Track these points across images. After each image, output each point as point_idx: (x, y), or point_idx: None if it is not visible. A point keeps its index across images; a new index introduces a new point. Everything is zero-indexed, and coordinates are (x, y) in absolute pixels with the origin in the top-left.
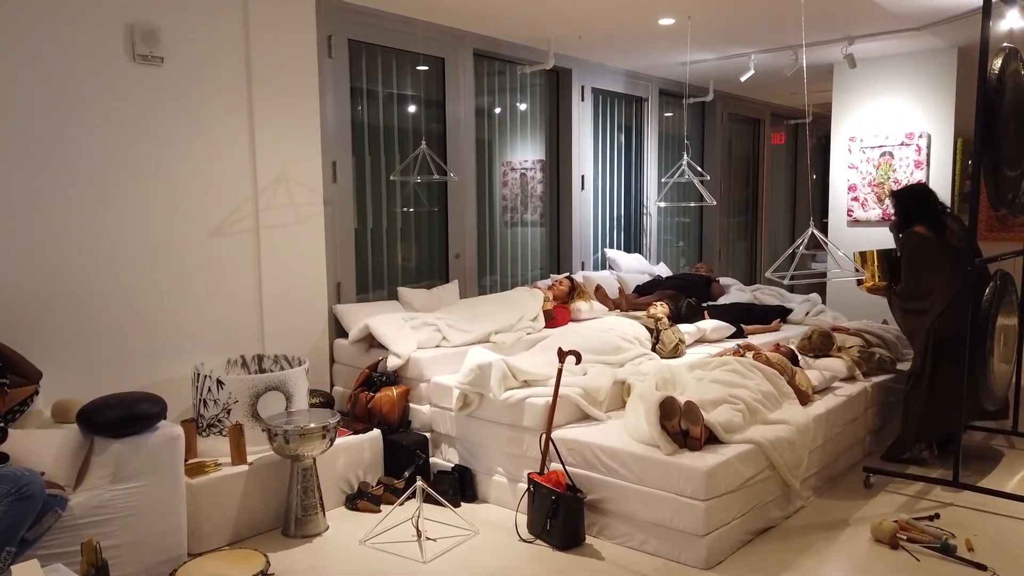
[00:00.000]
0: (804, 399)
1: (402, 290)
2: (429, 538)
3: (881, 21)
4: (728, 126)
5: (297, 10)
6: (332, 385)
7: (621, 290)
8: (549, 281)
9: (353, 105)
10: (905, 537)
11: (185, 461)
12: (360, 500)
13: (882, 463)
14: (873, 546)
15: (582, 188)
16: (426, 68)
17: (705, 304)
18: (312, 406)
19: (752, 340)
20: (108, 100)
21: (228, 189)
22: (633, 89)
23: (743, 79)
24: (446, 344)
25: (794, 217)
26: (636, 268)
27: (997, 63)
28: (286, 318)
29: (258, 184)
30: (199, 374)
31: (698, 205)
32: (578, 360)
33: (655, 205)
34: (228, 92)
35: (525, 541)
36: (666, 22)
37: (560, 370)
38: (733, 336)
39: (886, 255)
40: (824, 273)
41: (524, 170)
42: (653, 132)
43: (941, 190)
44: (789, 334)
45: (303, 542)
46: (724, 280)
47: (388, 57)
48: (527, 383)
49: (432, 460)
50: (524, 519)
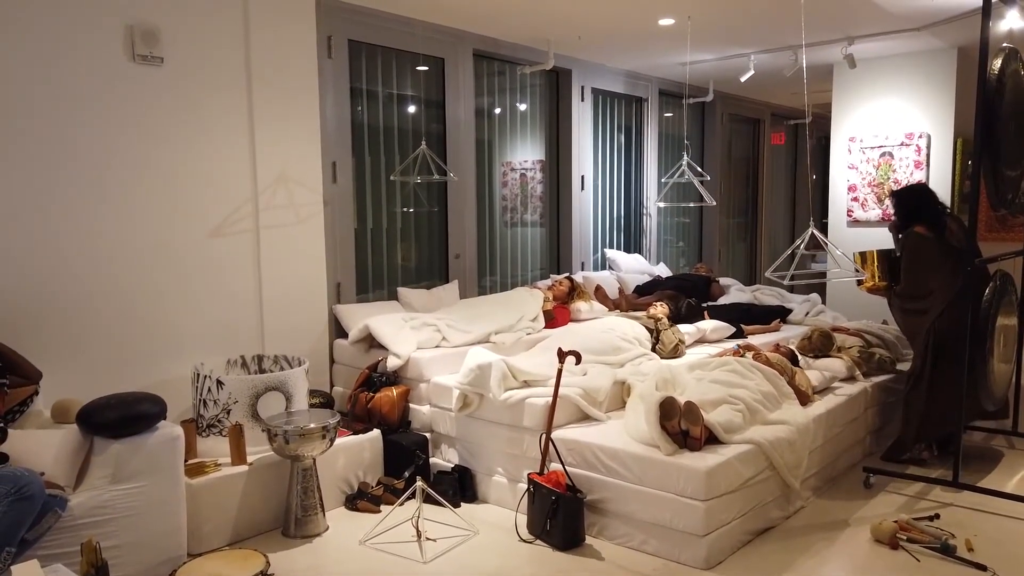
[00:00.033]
0: (804, 399)
1: (402, 290)
2: (429, 538)
3: (881, 21)
4: (728, 126)
5: (297, 10)
6: (332, 385)
7: (621, 290)
8: (549, 281)
9: (353, 105)
10: (905, 537)
11: (185, 461)
12: (360, 500)
13: (882, 463)
14: (873, 546)
15: (582, 188)
16: (426, 68)
17: (705, 304)
18: (312, 406)
19: (752, 340)
20: (108, 100)
21: (228, 189)
22: (633, 89)
23: (743, 79)
24: (446, 344)
25: (794, 217)
26: (636, 268)
27: (997, 63)
28: (286, 318)
29: (258, 184)
30: (199, 374)
31: (698, 205)
32: (578, 360)
33: (655, 205)
34: (228, 92)
35: (525, 541)
36: (666, 22)
37: (560, 370)
38: (733, 336)
39: (886, 255)
40: (824, 273)
41: (524, 170)
42: (653, 132)
43: (941, 190)
44: (789, 334)
45: (303, 542)
46: (724, 280)
47: (388, 57)
48: (527, 383)
49: (432, 460)
50: (524, 519)
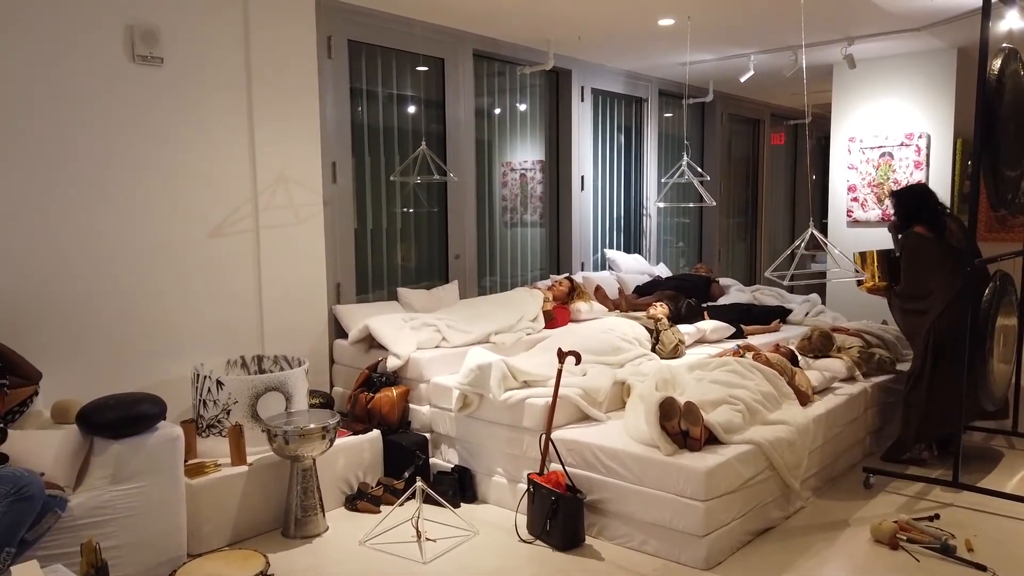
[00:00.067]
0: (804, 400)
1: (402, 291)
2: (429, 539)
3: (881, 22)
4: (728, 127)
5: (297, 10)
6: (332, 386)
7: (621, 291)
8: (549, 282)
9: (353, 105)
10: (905, 538)
11: (185, 462)
12: (360, 501)
13: (882, 463)
14: (873, 547)
15: (582, 189)
16: (426, 69)
17: (705, 305)
18: (312, 407)
19: (752, 340)
20: (108, 100)
21: (228, 189)
22: (633, 90)
23: (743, 80)
24: (446, 345)
25: (794, 218)
26: (636, 269)
27: (996, 64)
28: (286, 318)
29: (258, 184)
30: (199, 375)
31: (698, 206)
32: (578, 361)
33: (655, 206)
34: (228, 92)
35: (525, 542)
36: (666, 23)
37: (560, 371)
38: (733, 337)
39: (886, 255)
40: (824, 273)
41: (524, 171)
42: (653, 133)
43: (941, 191)
44: (789, 334)
45: (303, 543)
46: (724, 281)
47: (388, 57)
48: (527, 384)
49: (432, 461)
50: (524, 520)
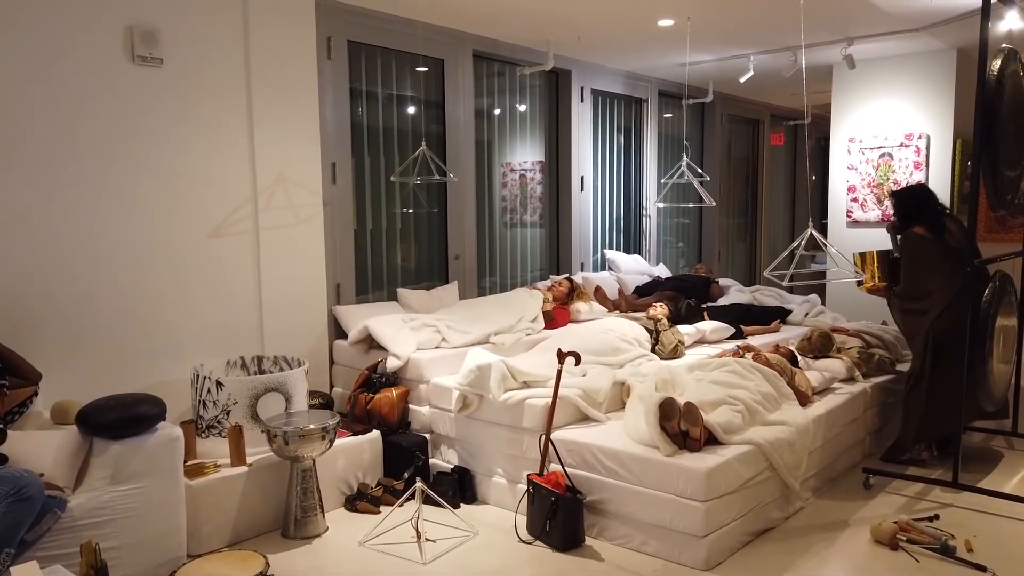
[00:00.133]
0: (804, 400)
1: (401, 291)
2: (428, 539)
3: (880, 22)
4: (727, 127)
5: (296, 11)
6: (331, 386)
7: (620, 291)
8: (548, 282)
9: (352, 106)
10: (905, 538)
11: (184, 462)
12: (359, 501)
13: (882, 464)
14: (873, 547)
15: (581, 189)
16: (425, 69)
17: (704, 305)
18: (311, 407)
19: (751, 341)
20: (108, 101)
21: (227, 190)
22: (632, 90)
23: (742, 80)
24: (445, 345)
25: (793, 218)
26: (635, 269)
27: (996, 64)
28: (285, 319)
29: (257, 185)
30: (198, 375)
31: (697, 206)
32: (577, 361)
33: (654, 206)
34: (227, 93)
35: (524, 542)
36: (665, 23)
37: (559, 371)
38: (732, 337)
39: (885, 256)
40: (823, 273)
41: (523, 171)
42: (652, 133)
43: (940, 191)
44: (788, 335)
45: (302, 543)
46: (723, 281)
47: (387, 58)
48: (526, 384)
49: (432, 461)
50: (524, 520)
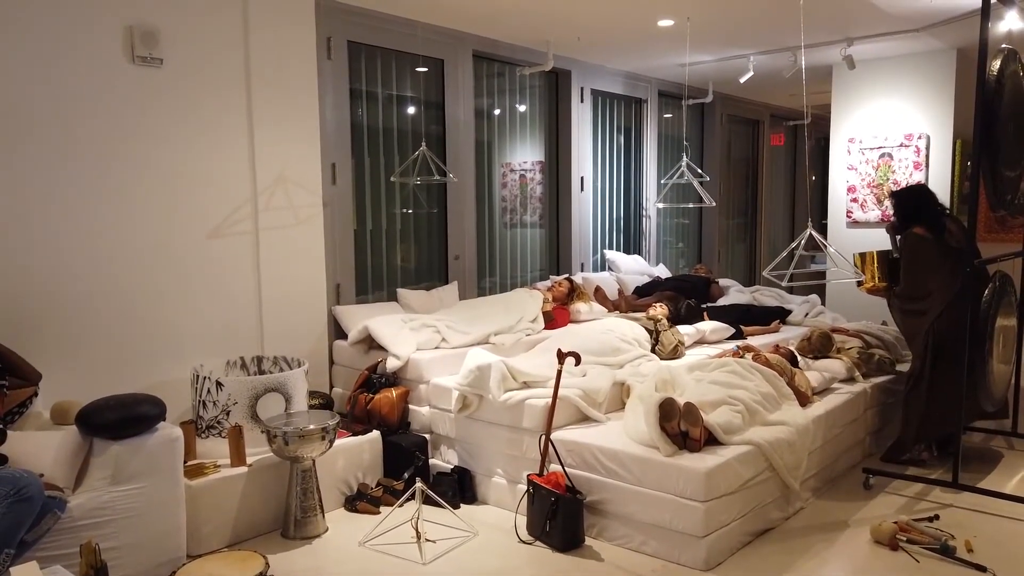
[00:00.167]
0: (803, 400)
1: (401, 291)
2: (428, 540)
3: (880, 23)
4: (727, 127)
5: (296, 11)
6: (331, 386)
7: (620, 291)
8: (548, 282)
9: (352, 107)
10: (905, 538)
11: (184, 463)
12: (359, 502)
13: (882, 464)
14: (873, 547)
15: (581, 189)
16: (425, 69)
17: (704, 305)
18: (311, 407)
19: (751, 341)
20: (108, 101)
21: (227, 190)
22: (632, 90)
23: (742, 80)
24: (445, 345)
25: (793, 218)
26: (635, 269)
27: (996, 64)
28: (285, 319)
29: (257, 185)
30: (198, 375)
31: (697, 206)
32: (577, 361)
33: (654, 206)
34: (227, 93)
35: (524, 543)
36: (665, 23)
37: (559, 371)
38: (732, 337)
39: (885, 256)
40: (823, 273)
41: (523, 171)
42: (652, 133)
43: (940, 191)
44: (788, 335)
45: (302, 544)
46: (723, 281)
47: (387, 58)
48: (526, 384)
49: (431, 461)
50: (523, 520)
